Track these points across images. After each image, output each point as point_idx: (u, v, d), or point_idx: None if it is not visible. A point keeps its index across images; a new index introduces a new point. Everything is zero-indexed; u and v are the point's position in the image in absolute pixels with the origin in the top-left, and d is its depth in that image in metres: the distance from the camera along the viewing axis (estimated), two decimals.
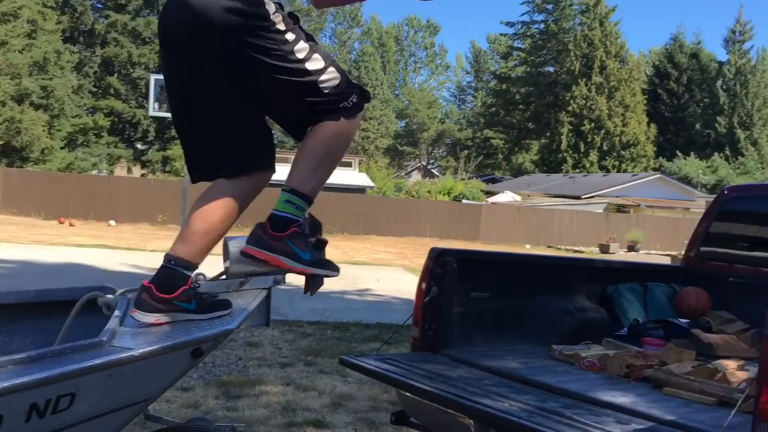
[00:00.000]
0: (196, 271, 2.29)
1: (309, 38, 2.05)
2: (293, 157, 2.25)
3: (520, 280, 4.08)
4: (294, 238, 2.14)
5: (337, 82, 2.06)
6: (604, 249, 27.48)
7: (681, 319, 4.36)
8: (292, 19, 2.03)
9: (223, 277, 2.47)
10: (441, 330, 3.62)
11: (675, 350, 3.44)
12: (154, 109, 16.02)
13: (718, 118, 51.40)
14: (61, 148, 34.17)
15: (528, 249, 27.27)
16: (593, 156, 49.74)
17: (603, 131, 49.57)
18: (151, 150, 39.74)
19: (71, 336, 2.23)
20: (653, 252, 28.32)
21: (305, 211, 2.18)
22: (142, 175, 38.70)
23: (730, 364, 3.09)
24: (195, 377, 5.31)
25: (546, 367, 3.39)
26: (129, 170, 41.05)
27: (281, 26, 1.97)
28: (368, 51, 64.74)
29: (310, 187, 2.15)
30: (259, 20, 1.93)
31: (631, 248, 28.67)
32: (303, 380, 5.56)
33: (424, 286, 3.66)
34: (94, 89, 38.49)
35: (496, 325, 3.91)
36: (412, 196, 34.79)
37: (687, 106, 53.74)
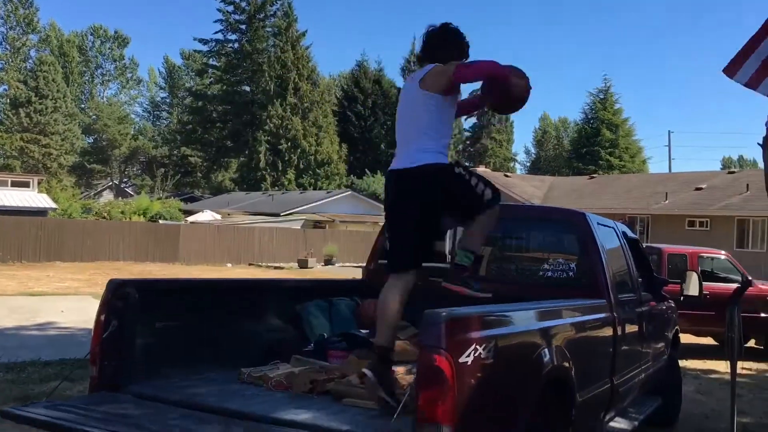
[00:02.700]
0: None
1: (474, 174, 3.57)
2: None
3: (210, 306, 4.03)
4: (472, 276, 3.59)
5: (490, 196, 3.50)
6: (303, 264, 28.51)
7: (362, 330, 4.69)
8: (464, 166, 3.59)
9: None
10: (123, 366, 3.41)
11: (355, 361, 3.67)
12: None
13: None
14: None
15: (229, 268, 27.17)
16: (291, 174, 51.49)
17: (299, 150, 51.63)
18: None
19: None
20: (348, 264, 30.11)
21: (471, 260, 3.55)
22: None
23: (400, 370, 3.39)
24: None
25: (235, 391, 3.39)
26: None
27: (464, 174, 3.49)
28: (47, 60, 58.65)
29: (477, 248, 3.59)
30: (453, 174, 3.47)
31: (328, 262, 30.17)
32: None
33: (102, 319, 3.43)
34: None
35: (186, 354, 3.80)
36: (103, 218, 32.50)
37: (373, 128, 58.39)
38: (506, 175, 30.70)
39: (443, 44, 3.55)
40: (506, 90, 3.40)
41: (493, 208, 3.51)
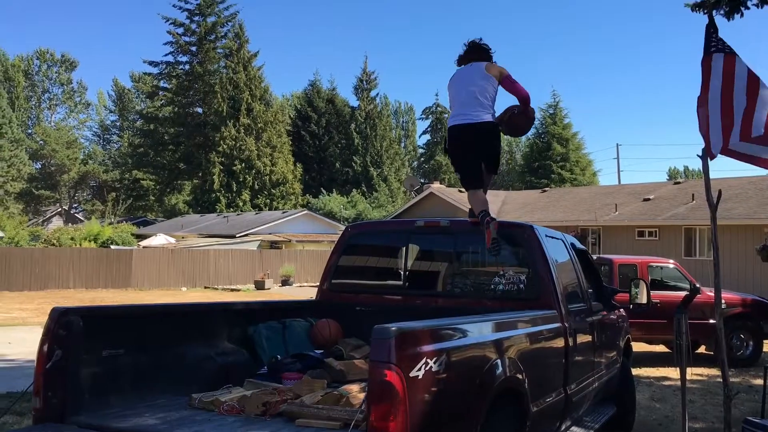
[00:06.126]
0: None
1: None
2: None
3: (158, 331, 3.95)
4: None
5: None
6: (260, 285, 28.21)
7: (316, 351, 4.65)
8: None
9: None
10: (68, 396, 3.31)
11: (308, 381, 3.64)
12: None
13: (354, 157, 56.83)
14: None
15: (184, 291, 26.72)
16: (245, 195, 51.03)
17: (254, 171, 51.25)
18: None
19: None
20: (305, 284, 29.91)
21: None
22: None
23: (354, 388, 3.37)
24: None
25: (185, 418, 3.31)
26: None
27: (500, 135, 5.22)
28: None
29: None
30: (498, 131, 5.14)
31: (285, 282, 29.91)
32: None
33: (45, 349, 3.33)
34: None
35: (133, 381, 3.71)
36: (53, 245, 31.66)
37: (327, 147, 58.37)
38: (460, 191, 30.92)
39: (485, 51, 5.32)
40: (527, 114, 5.21)
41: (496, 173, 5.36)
